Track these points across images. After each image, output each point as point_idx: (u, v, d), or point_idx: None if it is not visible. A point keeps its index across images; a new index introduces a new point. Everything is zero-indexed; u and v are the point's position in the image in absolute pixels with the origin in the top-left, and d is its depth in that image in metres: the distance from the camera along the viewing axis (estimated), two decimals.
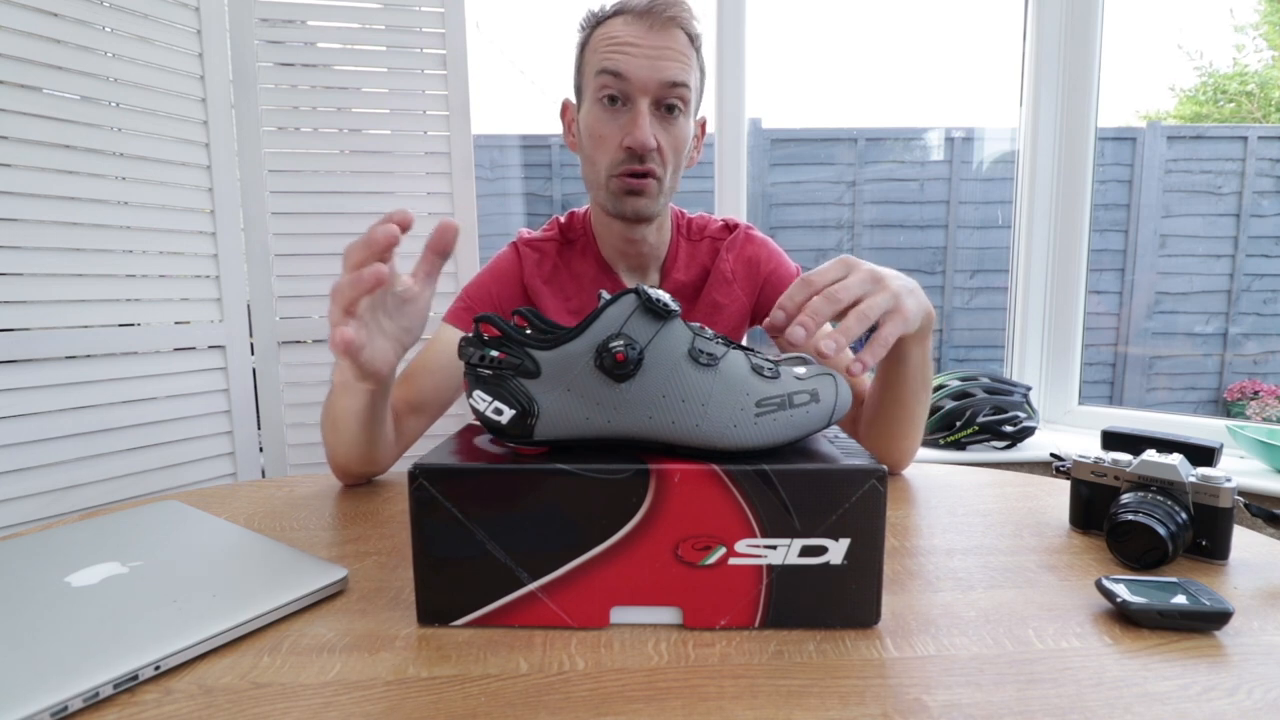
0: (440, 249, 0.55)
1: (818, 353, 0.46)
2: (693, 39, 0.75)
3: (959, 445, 1.42)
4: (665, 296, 0.42)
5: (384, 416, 0.65)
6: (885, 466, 0.40)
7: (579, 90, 0.80)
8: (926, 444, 1.43)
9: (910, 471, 0.74)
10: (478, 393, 0.43)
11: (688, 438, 0.41)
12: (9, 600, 0.42)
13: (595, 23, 0.77)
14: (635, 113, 0.73)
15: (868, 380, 0.76)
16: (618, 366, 0.40)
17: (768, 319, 0.50)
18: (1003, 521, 0.59)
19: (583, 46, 0.78)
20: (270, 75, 1.16)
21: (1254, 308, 2.61)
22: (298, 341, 1.22)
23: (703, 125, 0.84)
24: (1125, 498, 0.51)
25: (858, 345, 0.50)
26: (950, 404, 1.42)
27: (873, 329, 0.51)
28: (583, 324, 0.41)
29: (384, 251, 0.50)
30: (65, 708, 0.33)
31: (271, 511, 0.63)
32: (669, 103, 0.74)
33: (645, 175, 0.75)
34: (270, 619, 0.42)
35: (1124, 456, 0.54)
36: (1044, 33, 1.54)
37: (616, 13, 0.75)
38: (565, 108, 0.84)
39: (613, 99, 0.74)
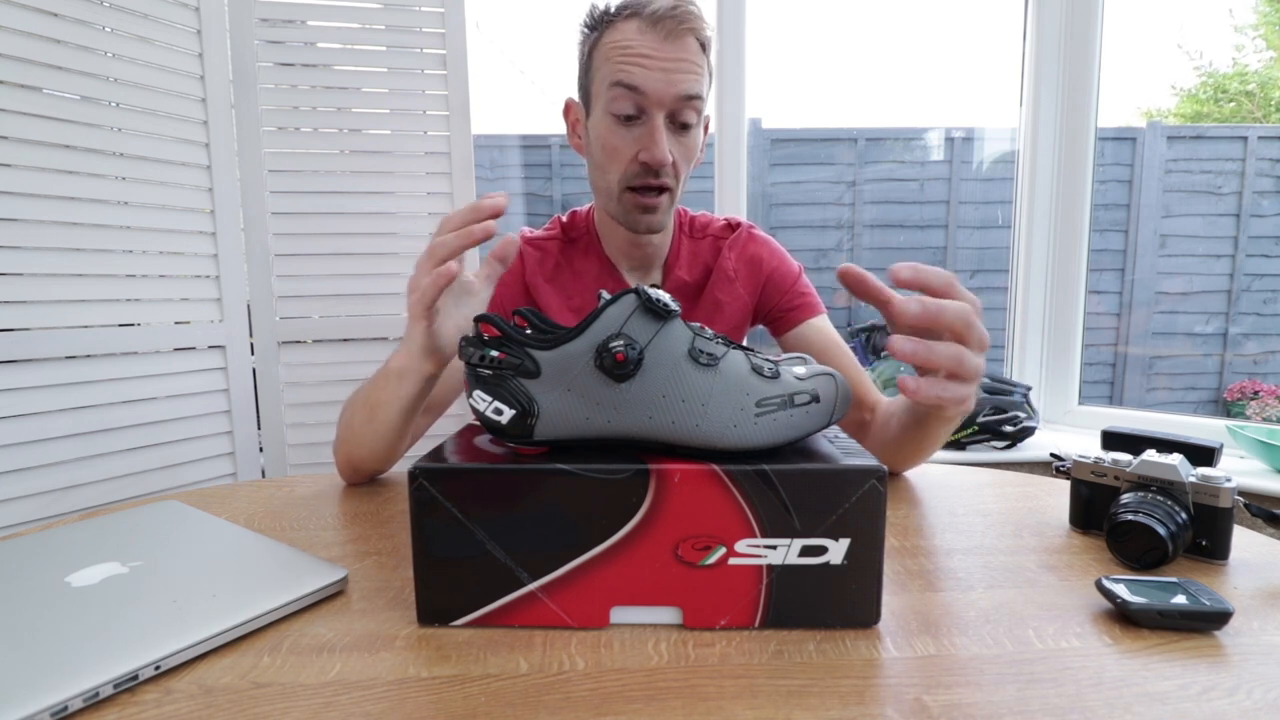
0: (501, 257, 0.61)
1: (902, 350, 0.44)
2: (704, 45, 0.74)
3: (959, 445, 1.42)
4: (665, 296, 0.42)
5: (420, 409, 0.66)
6: (885, 466, 0.40)
7: (586, 92, 0.78)
8: None
9: (910, 471, 0.74)
10: (478, 393, 0.43)
11: (688, 438, 0.41)
12: (9, 600, 0.42)
13: (604, 22, 0.74)
14: (651, 128, 0.72)
15: (882, 401, 0.75)
16: (618, 366, 0.40)
17: (893, 268, 0.46)
18: (1003, 521, 0.59)
19: (591, 48, 0.76)
20: (270, 75, 1.16)
21: (1254, 308, 2.61)
22: (298, 341, 1.22)
23: (706, 124, 0.84)
24: (1125, 498, 0.51)
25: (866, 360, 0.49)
26: None
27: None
28: (583, 324, 0.41)
29: (488, 216, 0.55)
30: (65, 708, 0.33)
31: (271, 511, 0.63)
32: (684, 118, 0.73)
33: (660, 191, 0.75)
34: (270, 619, 0.42)
35: (1124, 456, 0.54)
36: (1044, 33, 1.54)
37: (628, 16, 0.72)
38: (569, 107, 0.82)
39: (628, 116, 0.72)
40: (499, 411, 0.42)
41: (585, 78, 0.78)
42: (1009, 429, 1.40)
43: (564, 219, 0.88)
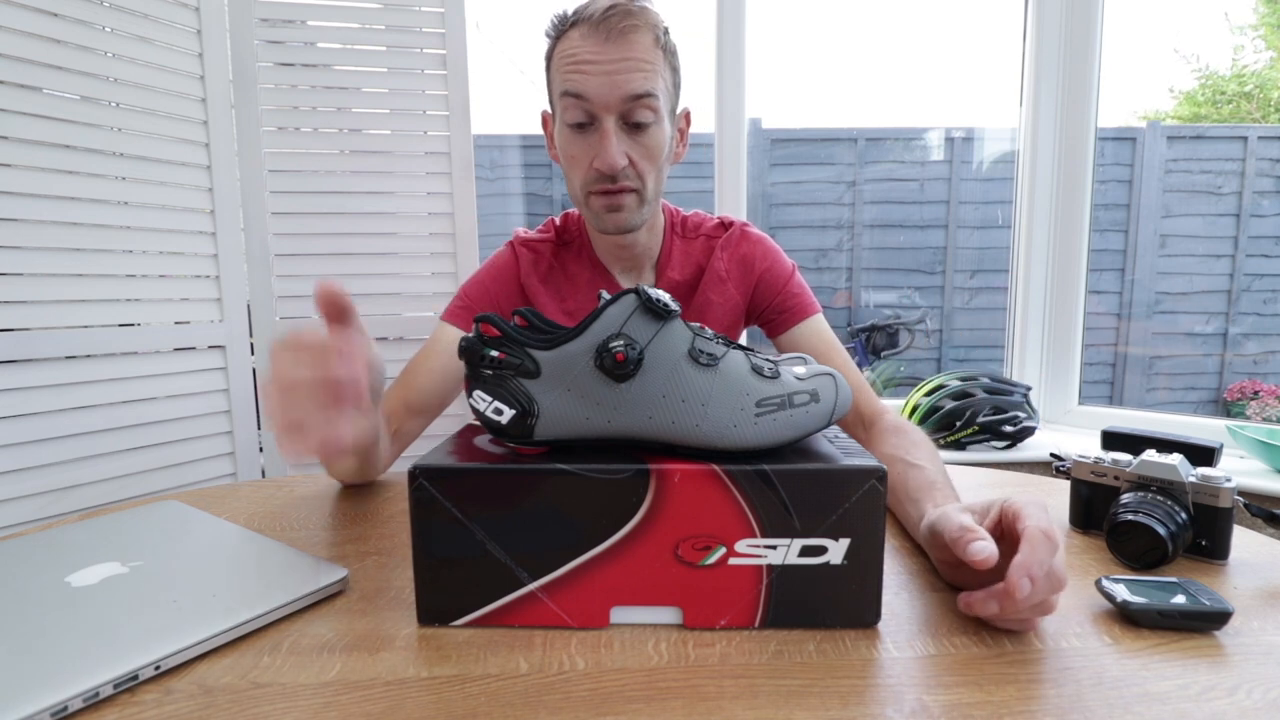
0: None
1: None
2: (658, 39, 0.71)
3: (959, 445, 1.42)
4: (665, 297, 0.42)
5: (377, 447, 0.65)
6: (885, 466, 0.40)
7: (550, 102, 0.78)
8: None
9: None
10: (478, 393, 0.43)
11: (688, 438, 0.41)
12: (9, 600, 0.42)
13: (557, 33, 0.73)
14: (602, 133, 0.71)
15: (883, 416, 0.74)
16: (618, 366, 0.40)
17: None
18: None
19: (548, 59, 0.75)
20: (270, 75, 1.16)
21: (1254, 308, 2.61)
22: None
23: (686, 118, 0.81)
24: (1125, 498, 0.51)
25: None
26: (950, 404, 1.42)
27: None
28: (583, 324, 0.41)
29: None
30: (65, 708, 0.33)
31: (271, 511, 0.63)
32: (636, 118, 0.72)
33: (620, 191, 0.74)
34: (270, 619, 0.42)
35: (1124, 456, 0.54)
36: (1044, 33, 1.54)
37: (574, 23, 0.71)
38: (545, 120, 0.82)
39: (580, 123, 0.72)
40: (499, 411, 0.42)
41: (548, 90, 0.78)
42: (1009, 429, 1.40)
43: (558, 221, 0.88)
